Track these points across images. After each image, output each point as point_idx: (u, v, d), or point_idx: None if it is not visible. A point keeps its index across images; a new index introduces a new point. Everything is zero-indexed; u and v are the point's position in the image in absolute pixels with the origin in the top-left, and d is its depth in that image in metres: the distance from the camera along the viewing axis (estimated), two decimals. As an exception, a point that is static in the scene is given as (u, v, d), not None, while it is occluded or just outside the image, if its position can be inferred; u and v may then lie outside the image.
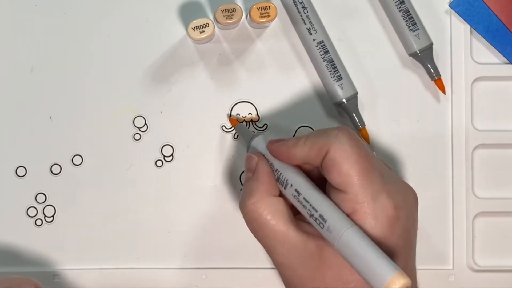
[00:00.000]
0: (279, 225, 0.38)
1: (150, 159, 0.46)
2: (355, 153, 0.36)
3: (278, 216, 0.38)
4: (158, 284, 0.46)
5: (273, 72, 0.46)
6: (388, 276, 0.31)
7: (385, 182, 0.36)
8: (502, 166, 0.47)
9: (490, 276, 0.46)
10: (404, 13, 0.45)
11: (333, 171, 0.36)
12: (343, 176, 0.36)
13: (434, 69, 0.45)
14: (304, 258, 0.37)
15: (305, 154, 0.38)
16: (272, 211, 0.38)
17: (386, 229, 0.35)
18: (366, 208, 0.35)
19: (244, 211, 0.39)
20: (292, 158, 0.39)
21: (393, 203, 0.36)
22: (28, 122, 0.46)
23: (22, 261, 0.46)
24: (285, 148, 0.39)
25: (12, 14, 0.46)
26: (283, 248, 0.38)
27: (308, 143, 0.38)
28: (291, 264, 0.38)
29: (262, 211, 0.38)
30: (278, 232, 0.38)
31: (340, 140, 0.36)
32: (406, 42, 0.46)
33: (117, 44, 0.46)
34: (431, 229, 0.46)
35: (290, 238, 0.37)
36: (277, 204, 0.38)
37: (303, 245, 0.37)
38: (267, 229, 0.38)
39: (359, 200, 0.35)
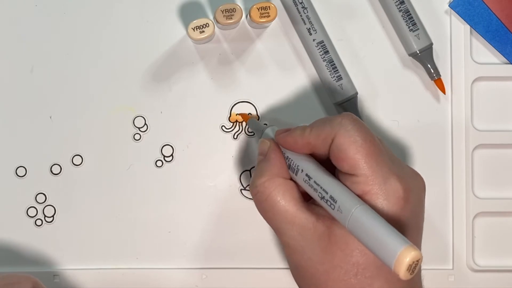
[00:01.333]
0: (289, 205, 0.38)
1: (150, 159, 0.46)
2: (360, 138, 0.36)
3: (287, 197, 0.38)
4: (158, 284, 0.46)
5: (273, 72, 0.46)
6: (399, 249, 0.31)
7: (393, 166, 0.37)
8: (502, 166, 0.47)
9: (490, 276, 0.46)
10: (404, 13, 0.45)
11: (341, 157, 0.36)
12: (351, 160, 0.36)
13: (434, 69, 0.45)
14: (313, 240, 0.37)
15: (311, 144, 0.38)
16: (282, 191, 0.38)
17: (396, 210, 0.36)
18: (377, 189, 0.36)
19: (253, 191, 0.39)
20: (298, 147, 0.39)
21: (403, 185, 0.36)
22: (28, 122, 0.46)
23: (22, 261, 0.46)
24: (291, 139, 0.39)
25: (12, 14, 0.46)
26: (292, 230, 0.38)
27: (314, 132, 0.38)
28: (300, 246, 0.38)
29: (271, 191, 0.38)
30: (287, 213, 0.38)
31: (345, 127, 0.37)
32: (406, 42, 0.46)
33: (117, 44, 0.46)
34: (431, 229, 0.46)
35: (299, 219, 0.37)
36: (286, 185, 0.38)
37: (312, 226, 0.37)
38: (276, 209, 0.38)
39: (369, 182, 0.36)
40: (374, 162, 0.36)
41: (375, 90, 0.46)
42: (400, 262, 0.31)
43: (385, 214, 0.35)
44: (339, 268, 0.36)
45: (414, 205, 0.37)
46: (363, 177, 0.36)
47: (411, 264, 0.31)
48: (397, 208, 0.36)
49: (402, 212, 0.36)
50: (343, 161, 0.36)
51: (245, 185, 0.46)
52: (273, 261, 0.46)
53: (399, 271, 0.31)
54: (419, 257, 0.31)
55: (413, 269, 0.31)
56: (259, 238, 0.46)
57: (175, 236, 0.46)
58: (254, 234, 0.46)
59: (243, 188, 0.46)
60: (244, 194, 0.46)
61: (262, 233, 0.46)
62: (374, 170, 0.36)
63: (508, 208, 0.46)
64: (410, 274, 0.31)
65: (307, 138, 0.38)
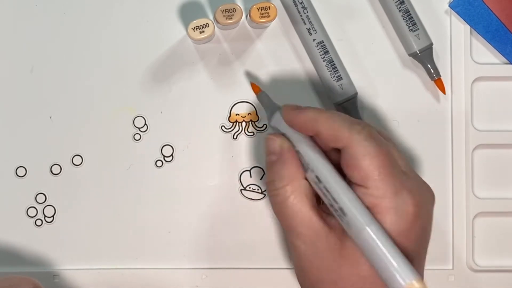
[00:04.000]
0: (306, 210, 0.38)
1: (150, 159, 0.46)
2: (375, 150, 0.36)
3: (305, 201, 0.38)
4: (158, 284, 0.46)
5: (273, 72, 0.46)
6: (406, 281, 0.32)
7: (406, 180, 0.36)
8: (502, 166, 0.47)
9: (490, 276, 0.46)
10: (404, 13, 0.45)
11: (353, 168, 0.36)
12: (363, 172, 0.36)
13: (434, 69, 0.45)
14: (324, 249, 0.37)
15: (320, 133, 0.37)
16: (300, 195, 0.38)
17: (406, 225, 0.35)
18: (388, 203, 0.35)
19: (272, 194, 0.39)
20: (304, 129, 0.38)
21: (414, 200, 0.36)
22: (28, 122, 0.46)
23: (22, 261, 0.46)
24: (301, 119, 0.38)
25: (12, 14, 0.46)
26: (306, 235, 0.37)
27: (329, 125, 0.37)
28: (310, 252, 0.38)
29: (290, 195, 0.38)
30: (304, 218, 0.38)
31: (362, 137, 0.36)
32: (406, 42, 0.46)
33: (117, 44, 0.46)
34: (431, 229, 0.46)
35: (314, 226, 0.37)
36: (304, 189, 0.38)
37: (325, 235, 0.37)
38: (294, 213, 0.38)
39: (380, 195, 0.35)
40: (386, 175, 0.36)
41: (375, 90, 0.46)
42: None
43: (394, 230, 0.35)
44: (346, 280, 0.36)
45: (424, 220, 0.36)
46: (374, 189, 0.36)
47: None
48: (407, 224, 0.35)
49: (412, 228, 0.36)
50: (355, 170, 0.36)
51: (245, 185, 0.46)
52: (273, 261, 0.46)
53: None
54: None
55: None
56: (259, 238, 0.46)
57: (175, 236, 0.46)
58: (254, 234, 0.46)
59: (243, 188, 0.46)
60: (244, 194, 0.46)
61: (262, 233, 0.46)
62: (385, 183, 0.35)
63: (508, 208, 0.46)
64: None
65: (319, 127, 0.38)
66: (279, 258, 0.46)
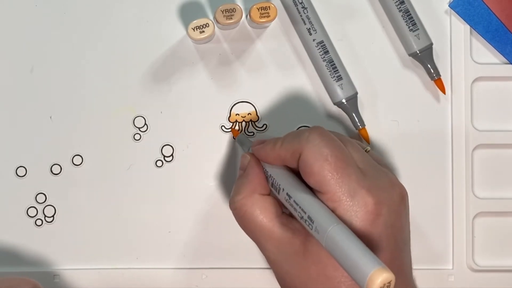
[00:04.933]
0: (265, 221, 0.38)
1: (150, 159, 0.46)
2: (326, 153, 0.36)
3: (264, 213, 0.38)
4: (158, 284, 0.46)
5: (273, 72, 0.46)
6: (370, 270, 0.31)
7: (364, 179, 0.36)
8: (502, 166, 0.47)
9: (490, 276, 0.46)
10: (404, 13, 0.45)
11: (307, 173, 0.37)
12: (317, 176, 0.36)
13: (434, 69, 0.45)
14: (289, 254, 0.38)
15: (281, 157, 0.38)
16: (259, 208, 0.39)
17: (366, 225, 0.35)
18: (345, 205, 0.35)
19: (232, 207, 0.40)
20: (270, 160, 0.39)
21: (374, 199, 0.36)
22: (28, 122, 0.46)
23: (22, 261, 0.46)
24: (263, 151, 0.40)
25: (12, 14, 0.46)
26: (270, 244, 0.38)
27: (284, 146, 0.38)
28: (278, 260, 0.38)
29: (248, 208, 0.39)
30: (264, 228, 0.38)
31: (312, 142, 0.37)
32: (406, 42, 0.46)
33: (117, 44, 0.46)
34: (431, 229, 0.46)
35: (275, 234, 0.38)
36: (263, 202, 0.39)
37: (288, 241, 0.38)
38: (254, 225, 0.39)
39: (336, 199, 0.36)
40: (340, 177, 0.36)
41: (375, 90, 0.46)
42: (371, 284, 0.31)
43: (355, 230, 0.35)
44: (314, 281, 0.37)
45: (388, 217, 0.36)
46: (329, 193, 0.36)
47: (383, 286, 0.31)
48: (367, 223, 0.35)
49: (373, 226, 0.35)
50: (310, 177, 0.36)
51: (245, 185, 0.46)
52: (273, 261, 0.46)
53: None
54: (391, 279, 0.31)
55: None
56: (259, 238, 0.46)
57: (175, 236, 0.46)
58: (254, 234, 0.46)
59: (243, 188, 0.46)
60: (244, 194, 0.46)
61: (262, 233, 0.46)
62: (340, 186, 0.36)
63: (508, 208, 0.46)
64: None
65: (277, 151, 0.38)
66: (279, 258, 0.46)
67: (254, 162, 0.41)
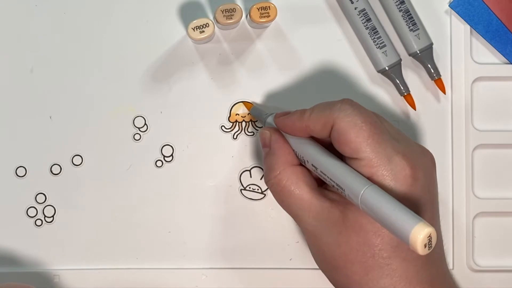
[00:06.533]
0: (303, 193, 0.39)
1: (150, 159, 0.46)
2: (360, 120, 0.37)
3: (300, 185, 0.39)
4: (158, 284, 0.46)
5: (273, 72, 0.46)
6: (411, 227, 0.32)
7: (399, 145, 0.37)
8: (502, 166, 0.47)
9: (490, 276, 0.46)
10: (404, 13, 0.45)
11: (342, 142, 0.37)
12: (353, 144, 0.36)
13: (434, 69, 0.45)
14: (328, 225, 0.38)
15: (310, 127, 0.39)
16: (295, 181, 0.39)
17: (405, 188, 0.36)
18: (383, 170, 0.36)
19: (269, 185, 0.40)
20: (296, 131, 0.40)
21: (410, 163, 0.36)
22: (28, 122, 0.46)
23: (22, 261, 0.46)
24: (290, 121, 0.40)
25: (12, 14, 0.46)
26: (309, 216, 0.39)
27: (313, 116, 0.38)
28: (317, 231, 0.38)
29: (285, 183, 0.39)
30: (302, 201, 0.39)
31: (344, 111, 0.37)
32: (406, 42, 0.46)
33: (117, 44, 0.46)
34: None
35: (314, 206, 0.38)
36: (298, 174, 0.39)
37: (327, 211, 0.38)
38: (292, 198, 0.39)
39: (373, 164, 0.36)
40: (376, 143, 0.36)
41: (374, 90, 0.46)
42: (414, 240, 0.32)
43: (394, 194, 0.35)
44: (355, 250, 0.37)
45: (424, 181, 0.37)
46: (366, 160, 0.36)
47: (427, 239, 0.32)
48: (406, 187, 0.36)
49: (412, 190, 0.36)
50: (345, 145, 0.37)
51: (245, 185, 0.46)
52: (273, 261, 0.46)
53: (416, 249, 0.32)
54: (432, 233, 0.32)
55: (429, 244, 0.32)
56: (259, 238, 0.46)
57: (175, 236, 0.46)
58: (254, 234, 0.46)
59: (243, 188, 0.46)
60: (244, 194, 0.46)
61: (262, 233, 0.46)
62: (377, 152, 0.36)
63: (508, 208, 0.46)
64: (428, 249, 0.32)
65: (306, 121, 0.39)
66: (279, 258, 0.46)
67: (277, 135, 0.41)
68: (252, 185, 0.46)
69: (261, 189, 0.46)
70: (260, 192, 0.46)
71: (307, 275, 0.46)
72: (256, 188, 0.46)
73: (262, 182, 0.46)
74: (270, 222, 0.46)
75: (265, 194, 0.46)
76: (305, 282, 0.46)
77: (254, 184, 0.46)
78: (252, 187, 0.46)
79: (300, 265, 0.46)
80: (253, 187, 0.46)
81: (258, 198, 0.46)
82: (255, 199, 0.46)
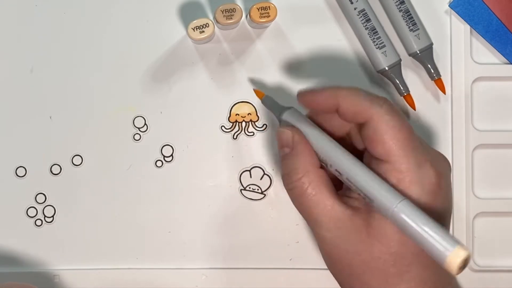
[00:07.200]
0: (325, 199, 0.37)
1: (150, 159, 0.46)
2: (398, 123, 0.36)
3: (323, 190, 0.38)
4: (158, 284, 0.46)
5: (273, 72, 0.46)
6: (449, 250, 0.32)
7: (427, 152, 0.37)
8: (502, 166, 0.47)
9: (490, 276, 0.46)
10: (404, 13, 0.45)
11: (376, 142, 0.36)
12: (387, 146, 0.36)
13: (434, 69, 0.45)
14: (350, 233, 0.37)
15: (340, 107, 0.37)
16: (318, 185, 0.38)
17: (431, 197, 0.36)
18: (412, 177, 0.35)
19: (289, 188, 0.39)
20: (322, 106, 0.38)
21: (436, 172, 0.36)
22: (28, 122, 0.46)
23: (22, 261, 0.46)
24: (322, 96, 0.38)
25: (12, 14, 0.46)
26: (329, 222, 0.37)
27: (350, 100, 0.37)
28: (337, 238, 0.37)
29: (308, 186, 0.38)
30: (324, 206, 0.37)
31: (384, 110, 0.36)
32: (406, 42, 0.46)
33: (117, 44, 0.46)
34: (431, 229, 0.46)
35: (336, 213, 0.37)
36: (321, 178, 0.38)
37: (348, 219, 0.37)
38: (314, 203, 0.38)
39: (403, 169, 0.35)
40: (410, 148, 0.36)
41: (375, 90, 0.46)
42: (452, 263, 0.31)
43: (421, 203, 0.35)
44: (377, 258, 0.36)
45: (446, 190, 0.37)
46: (397, 163, 0.36)
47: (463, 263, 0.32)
48: (432, 195, 0.36)
49: (436, 198, 0.36)
50: (378, 145, 0.36)
51: (245, 185, 0.46)
52: (273, 261, 0.46)
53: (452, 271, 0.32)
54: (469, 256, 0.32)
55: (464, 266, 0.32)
56: (259, 238, 0.46)
57: (175, 236, 0.46)
58: (254, 234, 0.46)
59: (243, 188, 0.46)
60: (244, 194, 0.46)
61: (262, 233, 0.46)
62: (408, 157, 0.36)
63: (508, 208, 0.46)
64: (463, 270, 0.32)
65: (339, 101, 0.37)
66: (279, 258, 0.46)
67: (301, 136, 0.39)
68: (252, 185, 0.46)
69: (261, 189, 0.46)
70: (260, 192, 0.46)
71: (307, 275, 0.46)
72: (256, 188, 0.46)
73: (262, 182, 0.46)
74: (270, 222, 0.46)
75: (265, 194, 0.46)
76: (305, 282, 0.46)
77: (254, 184, 0.46)
78: (252, 187, 0.46)
79: (300, 265, 0.46)
80: (253, 187, 0.46)
81: (258, 198, 0.46)
82: (255, 199, 0.46)
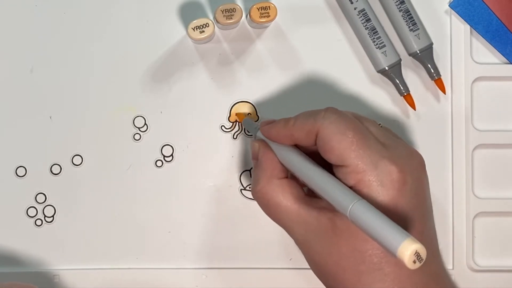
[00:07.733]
0: (290, 204, 0.39)
1: (150, 159, 0.46)
2: (344, 127, 0.37)
3: (287, 197, 0.39)
4: (158, 284, 0.46)
5: (273, 72, 0.46)
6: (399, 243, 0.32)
7: (384, 149, 0.37)
8: (502, 166, 0.47)
9: (490, 276, 0.46)
10: (404, 13, 0.45)
11: (327, 149, 0.37)
12: (337, 151, 0.36)
13: (434, 69, 0.45)
14: (318, 234, 0.38)
15: (294, 136, 0.39)
16: (280, 193, 0.39)
17: (394, 193, 0.36)
18: (369, 176, 0.36)
19: (255, 197, 0.40)
20: (281, 138, 0.40)
21: (397, 167, 0.36)
22: (28, 122, 0.46)
23: (22, 261, 0.46)
24: (275, 130, 0.40)
25: (12, 14, 0.46)
26: (298, 227, 0.39)
27: (297, 124, 0.38)
28: (308, 241, 0.38)
29: (271, 195, 0.39)
30: (290, 212, 0.39)
31: (328, 119, 0.37)
32: (406, 42, 0.46)
33: (117, 44, 0.46)
34: (431, 229, 0.46)
35: (302, 216, 0.38)
36: (283, 186, 0.39)
37: (315, 220, 0.38)
38: (279, 210, 0.39)
39: (359, 170, 0.36)
40: (361, 149, 0.36)
41: (375, 90, 0.46)
42: (402, 257, 0.32)
43: (383, 201, 0.35)
44: (346, 257, 0.37)
45: (412, 185, 0.37)
46: (352, 166, 0.36)
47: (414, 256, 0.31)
48: (394, 192, 0.36)
49: (400, 195, 0.36)
50: (330, 153, 0.37)
51: (245, 185, 0.46)
52: (273, 261, 0.46)
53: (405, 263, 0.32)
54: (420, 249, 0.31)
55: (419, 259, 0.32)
56: (259, 238, 0.46)
57: (175, 236, 0.46)
58: (254, 234, 0.46)
59: (243, 188, 0.46)
60: (244, 194, 0.46)
61: (262, 233, 0.46)
62: (361, 157, 0.36)
63: (508, 208, 0.46)
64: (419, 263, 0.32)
65: (290, 130, 0.39)
66: (279, 258, 0.46)
67: (265, 148, 0.41)
68: (252, 185, 0.46)
69: (261, 189, 0.46)
70: (260, 192, 0.46)
71: (307, 275, 0.46)
72: (256, 188, 0.46)
73: (262, 182, 0.46)
74: (270, 222, 0.46)
75: (265, 194, 0.46)
76: (305, 282, 0.46)
77: (254, 184, 0.46)
78: (252, 187, 0.46)
79: (300, 265, 0.46)
80: (253, 187, 0.46)
81: (258, 198, 0.46)
82: (255, 199, 0.46)
